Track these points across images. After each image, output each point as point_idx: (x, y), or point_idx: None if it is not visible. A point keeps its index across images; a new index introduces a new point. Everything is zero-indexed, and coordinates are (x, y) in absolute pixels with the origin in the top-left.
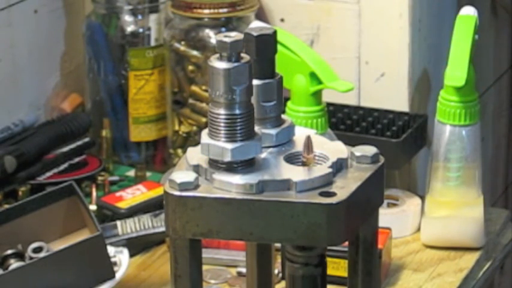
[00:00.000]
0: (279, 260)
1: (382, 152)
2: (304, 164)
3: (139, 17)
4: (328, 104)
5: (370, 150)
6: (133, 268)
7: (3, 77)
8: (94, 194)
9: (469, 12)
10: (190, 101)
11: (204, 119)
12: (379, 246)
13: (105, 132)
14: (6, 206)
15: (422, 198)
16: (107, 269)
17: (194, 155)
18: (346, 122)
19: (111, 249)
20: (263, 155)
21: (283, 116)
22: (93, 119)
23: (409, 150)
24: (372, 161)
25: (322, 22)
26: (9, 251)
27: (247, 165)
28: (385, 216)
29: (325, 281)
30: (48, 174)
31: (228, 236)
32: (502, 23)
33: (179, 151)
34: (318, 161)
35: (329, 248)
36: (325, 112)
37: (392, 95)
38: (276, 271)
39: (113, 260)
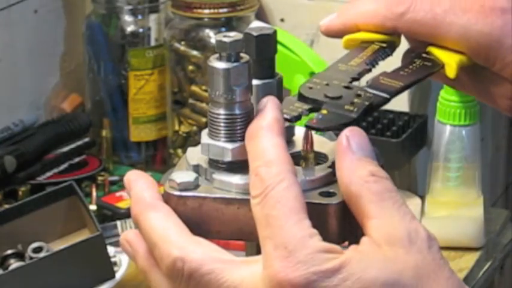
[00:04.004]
0: None
1: (382, 152)
2: (303, 157)
3: (139, 17)
4: None
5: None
6: (133, 268)
7: (3, 77)
8: (94, 194)
9: None
10: (190, 101)
11: (204, 119)
12: None
13: (105, 132)
14: (6, 206)
15: (422, 198)
16: (107, 269)
17: (194, 155)
18: None
19: (111, 249)
20: None
21: None
22: (93, 119)
23: (409, 150)
24: None
25: None
26: (9, 251)
27: (247, 165)
28: None
29: None
30: (48, 174)
31: (228, 236)
32: None
33: (179, 151)
34: (318, 160)
35: None
36: None
37: None
38: None
39: (113, 260)
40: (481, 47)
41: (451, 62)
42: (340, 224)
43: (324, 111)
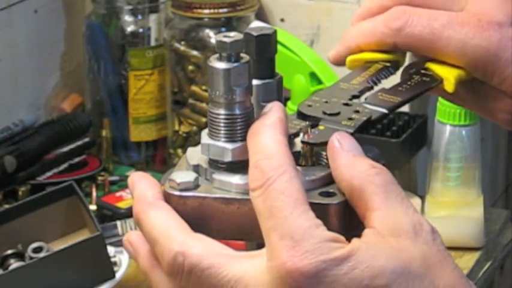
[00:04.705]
0: None
1: (382, 152)
2: (303, 157)
3: (139, 17)
4: None
5: (370, 150)
6: (133, 268)
7: (3, 77)
8: (94, 194)
9: None
10: (190, 101)
11: (204, 119)
12: None
13: (105, 132)
14: (6, 206)
15: (422, 198)
16: (107, 269)
17: (194, 155)
18: None
19: (111, 249)
20: None
21: None
22: (93, 119)
23: (409, 150)
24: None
25: (322, 22)
26: (9, 251)
27: (247, 165)
28: None
29: None
30: (48, 174)
31: (228, 236)
32: None
33: (179, 151)
34: (318, 160)
35: None
36: None
37: None
38: None
39: (113, 260)
40: (479, 61)
41: (449, 76)
42: (340, 223)
43: (321, 127)
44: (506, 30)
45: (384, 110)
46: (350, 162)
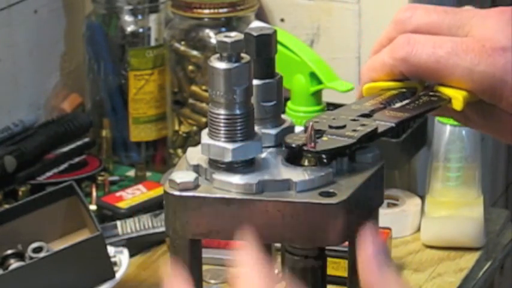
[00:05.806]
0: (279, 259)
1: (382, 152)
2: (305, 156)
3: (139, 17)
4: (328, 104)
5: (370, 150)
6: (133, 268)
7: (3, 77)
8: (94, 194)
9: None
10: (190, 101)
11: (204, 119)
12: None
13: (105, 132)
14: (6, 206)
15: (422, 198)
16: (107, 269)
17: (194, 155)
18: None
19: (111, 249)
20: (263, 155)
21: (283, 116)
22: (93, 119)
23: (409, 150)
24: (372, 161)
25: (322, 22)
26: (9, 251)
27: (247, 165)
28: (385, 216)
29: (325, 274)
30: (48, 174)
31: (228, 236)
32: None
33: (179, 151)
34: (319, 160)
35: (329, 248)
36: None
37: None
38: (276, 271)
39: (113, 260)
40: (486, 86)
41: (457, 95)
42: (340, 223)
43: (325, 138)
44: (510, 54)
45: (391, 124)
46: (379, 270)
